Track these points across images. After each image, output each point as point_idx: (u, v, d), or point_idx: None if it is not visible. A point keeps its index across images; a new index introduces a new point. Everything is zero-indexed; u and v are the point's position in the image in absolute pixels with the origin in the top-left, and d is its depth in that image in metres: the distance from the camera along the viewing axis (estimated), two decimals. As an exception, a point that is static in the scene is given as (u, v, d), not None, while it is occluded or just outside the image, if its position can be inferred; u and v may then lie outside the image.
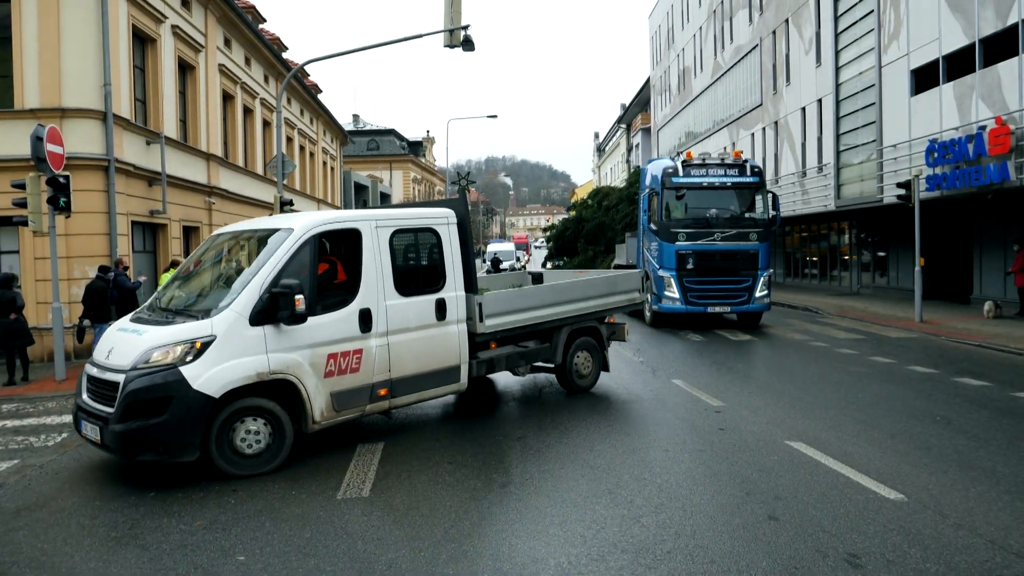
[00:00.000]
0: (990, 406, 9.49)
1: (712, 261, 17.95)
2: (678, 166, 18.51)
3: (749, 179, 18.52)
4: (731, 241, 17.91)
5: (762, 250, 18.13)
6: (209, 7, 22.06)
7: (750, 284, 18.01)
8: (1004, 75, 18.18)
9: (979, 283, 22.57)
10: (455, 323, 8.64)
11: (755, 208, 18.54)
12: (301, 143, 34.64)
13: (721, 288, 17.97)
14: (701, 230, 17.97)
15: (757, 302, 18.12)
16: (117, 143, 15.90)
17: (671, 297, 18.02)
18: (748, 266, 17.99)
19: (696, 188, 18.27)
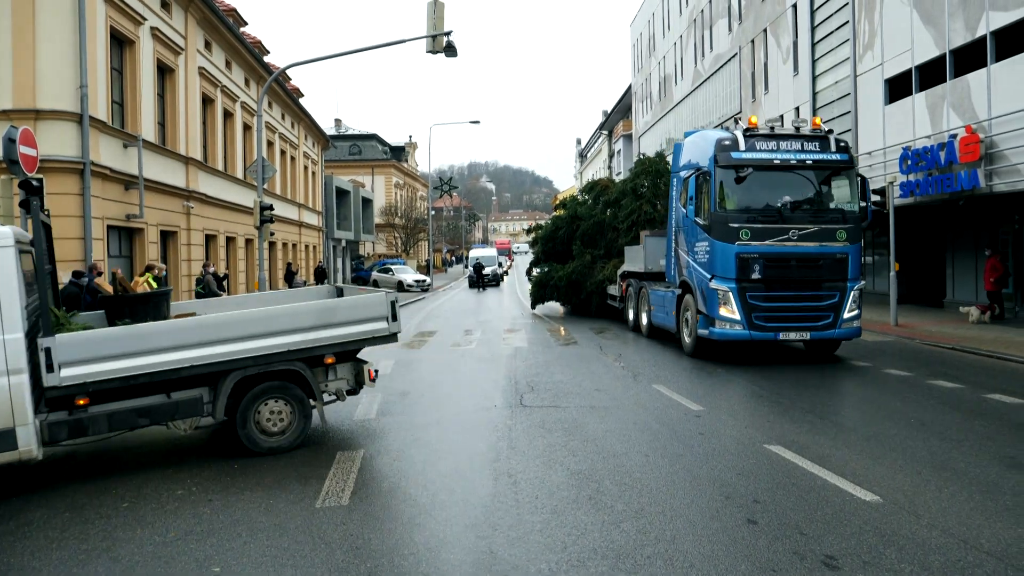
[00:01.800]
0: (962, 408, 9.65)
1: (786, 269, 13.27)
2: (737, 136, 13.57)
3: (835, 156, 13.61)
4: (812, 241, 13.25)
5: (852, 254, 13.47)
6: (189, 9, 21.94)
7: (836, 301, 13.29)
8: (973, 85, 18.52)
9: (952, 287, 22.91)
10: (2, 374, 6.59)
11: (842, 196, 13.89)
12: (282, 147, 34.50)
13: (798, 306, 13.32)
14: (771, 226, 13.23)
15: (845, 325, 13.42)
16: (93, 146, 15.77)
17: (729, 319, 13.23)
18: (835, 275, 13.34)
19: (764, 167, 13.35)
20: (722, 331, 13.39)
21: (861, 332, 14.06)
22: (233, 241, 26.67)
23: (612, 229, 24.15)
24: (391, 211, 69.35)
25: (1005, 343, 15.24)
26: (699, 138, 15.31)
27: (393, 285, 46.57)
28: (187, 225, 21.71)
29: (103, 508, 6.49)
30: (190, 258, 21.87)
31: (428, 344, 18.19)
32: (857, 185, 13.77)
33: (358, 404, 10.44)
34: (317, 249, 42.73)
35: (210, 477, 7.27)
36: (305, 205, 39.52)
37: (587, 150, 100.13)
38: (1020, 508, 5.89)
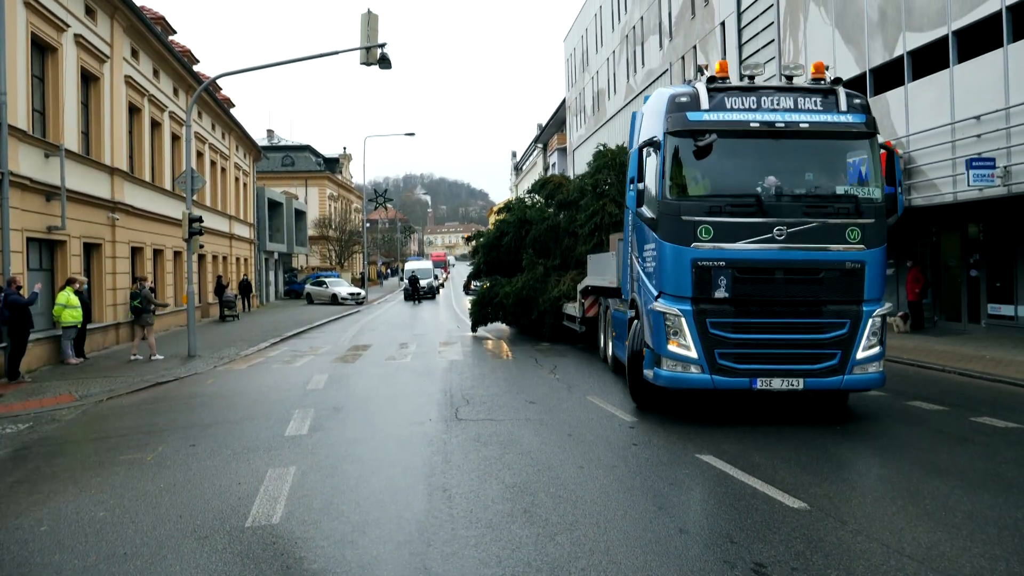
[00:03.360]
0: (885, 416, 10.01)
1: (768, 284, 9.23)
2: (698, 91, 9.51)
3: (845, 118, 9.42)
4: (808, 243, 9.11)
5: (871, 262, 9.19)
6: (115, 17, 21.34)
7: (846, 333, 9.10)
8: (892, 103, 19.30)
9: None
10: None
11: (857, 177, 9.63)
12: (212, 158, 33.77)
13: (786, 340, 9.15)
14: (746, 220, 9.14)
15: (859, 370, 9.16)
16: (12, 155, 15.17)
17: (680, 357, 9.23)
18: (844, 295, 9.18)
19: (735, 133, 9.34)
20: (670, 374, 9.25)
21: (885, 380, 9.41)
22: (161, 254, 25.95)
23: (569, 235, 20.87)
24: (325, 223, 68.52)
25: (925, 352, 15.85)
26: (656, 98, 10.77)
27: (327, 298, 46.01)
28: (112, 237, 21.03)
29: (19, 532, 6.19)
30: (115, 271, 21.19)
31: (362, 358, 17.98)
32: (879, 161, 9.43)
33: (290, 420, 10.24)
34: (249, 262, 41.89)
35: (135, 498, 7.02)
36: (236, 217, 38.73)
37: (522, 163, 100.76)
38: (940, 513, 6.11)
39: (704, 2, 31.99)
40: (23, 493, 7.38)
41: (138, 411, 11.87)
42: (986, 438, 8.71)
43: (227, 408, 11.80)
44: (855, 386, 9.33)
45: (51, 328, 17.13)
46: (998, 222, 18.58)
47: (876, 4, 19.87)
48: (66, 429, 10.65)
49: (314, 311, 37.76)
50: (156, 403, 12.50)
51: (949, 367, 13.87)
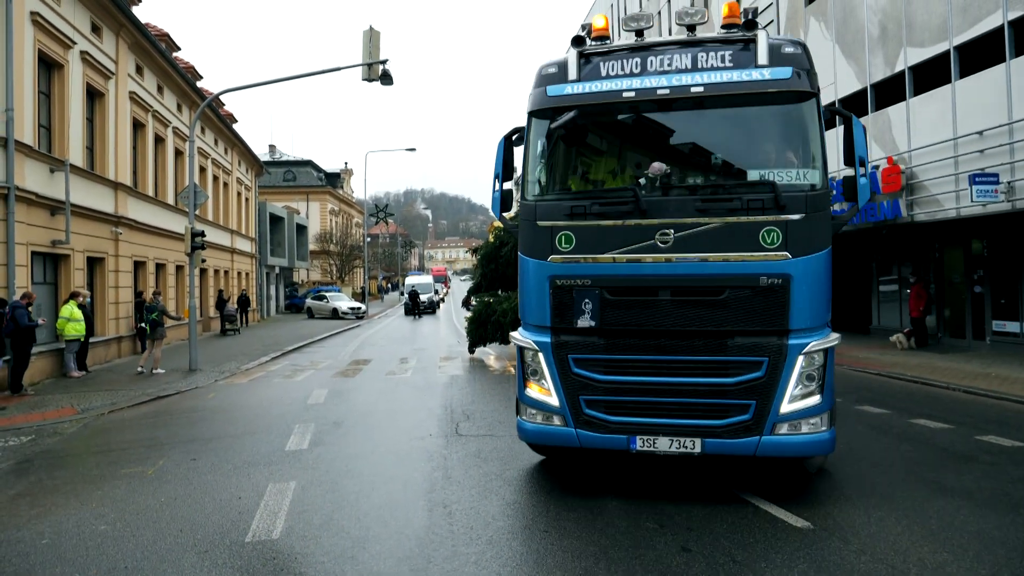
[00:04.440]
0: (889, 433, 9.94)
1: (650, 309, 6.81)
2: (568, 60, 7.27)
3: (759, 74, 6.72)
4: (703, 252, 6.63)
5: (801, 276, 6.51)
6: (121, 34, 21.49)
7: (762, 376, 6.55)
8: (894, 118, 19.34)
9: (877, 314, 23.70)
10: None
11: (786, 157, 6.96)
12: (215, 173, 33.88)
13: (674, 385, 6.74)
14: (616, 222, 6.83)
15: (784, 430, 6.55)
16: (18, 170, 15.24)
17: (541, 403, 7.16)
18: (757, 323, 6.59)
19: (604, 108, 7.15)
20: (533, 427, 7.19)
21: (833, 444, 6.71)
22: (163, 268, 25.98)
23: None
24: (326, 238, 68.62)
25: (930, 369, 15.79)
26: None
27: (328, 312, 46.00)
28: (115, 251, 21.07)
29: (21, 544, 6.19)
30: (118, 285, 21.21)
31: (363, 372, 17.95)
32: (820, 131, 6.76)
33: (290, 435, 10.22)
34: (250, 276, 41.93)
35: (136, 512, 7.00)
36: (238, 231, 38.81)
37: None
38: (946, 533, 6.07)
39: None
40: (25, 506, 7.37)
41: (139, 425, 11.85)
42: (992, 457, 8.65)
43: (228, 422, 11.78)
44: (781, 451, 6.47)
45: (54, 341, 17.14)
46: (1002, 238, 18.56)
47: (877, 19, 19.96)
48: (68, 442, 10.63)
49: (315, 325, 37.75)
50: (157, 417, 12.48)
51: (954, 384, 13.81)
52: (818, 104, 6.79)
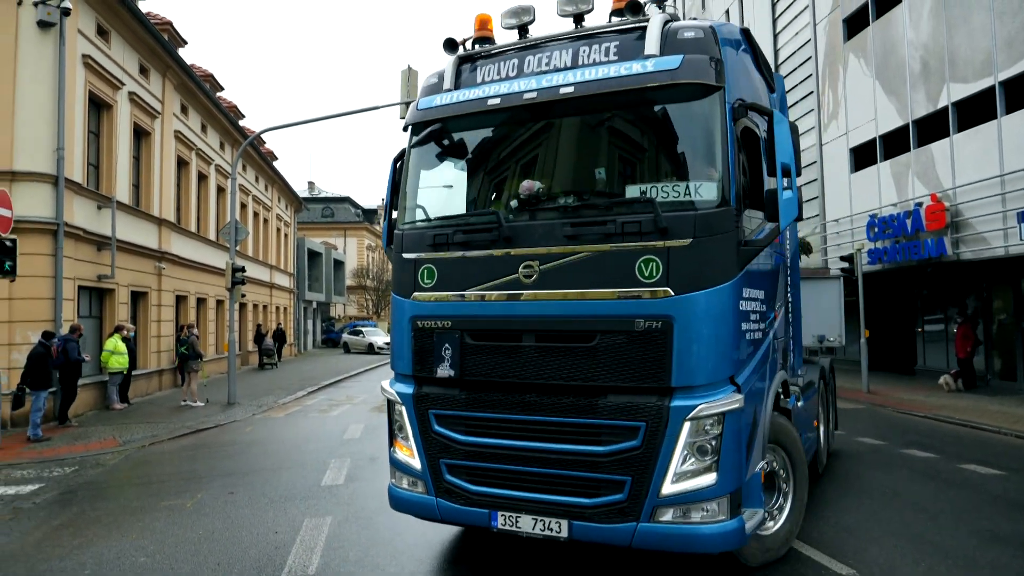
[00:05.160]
0: (937, 478, 9.64)
1: (511, 356, 5.59)
2: (444, 72, 6.31)
3: (642, 66, 5.33)
4: (569, 289, 5.35)
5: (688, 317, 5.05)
6: (167, 75, 22.15)
7: (636, 448, 5.09)
8: (937, 154, 19.09)
9: (923, 355, 23.18)
10: None
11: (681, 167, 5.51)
12: (255, 209, 34.53)
13: (538, 452, 5.41)
14: (477, 252, 5.74)
15: (669, 517, 5.06)
16: (67, 207, 15.68)
17: (405, 466, 6.10)
18: (632, 377, 5.14)
19: (469, 120, 6.11)
20: (400, 494, 6.14)
21: (744, 538, 5.17)
22: (204, 302, 26.41)
23: None
24: (363, 273, 69.30)
25: (979, 412, 15.35)
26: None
27: (364, 347, 46.26)
28: (158, 286, 21.50)
29: (63, 575, 6.27)
30: (160, 319, 21.59)
31: (401, 408, 17.93)
32: (723, 133, 5.27)
33: (326, 470, 10.23)
34: (288, 311, 42.43)
35: (175, 544, 7.05)
36: (277, 267, 39.39)
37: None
38: (996, 579, 5.85)
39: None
40: (68, 536, 7.47)
41: (179, 457, 11.97)
42: (1045, 502, 8.34)
43: (265, 456, 11.84)
44: (664, 544, 5.09)
45: (98, 374, 17.45)
46: (1050, 276, 18.12)
47: (918, 55, 19.82)
48: (110, 473, 10.77)
49: (351, 360, 37.97)
50: (196, 450, 12.59)
51: (1005, 429, 13.37)
52: (723, 100, 5.25)
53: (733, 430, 5.07)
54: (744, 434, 5.19)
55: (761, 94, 6.43)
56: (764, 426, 5.65)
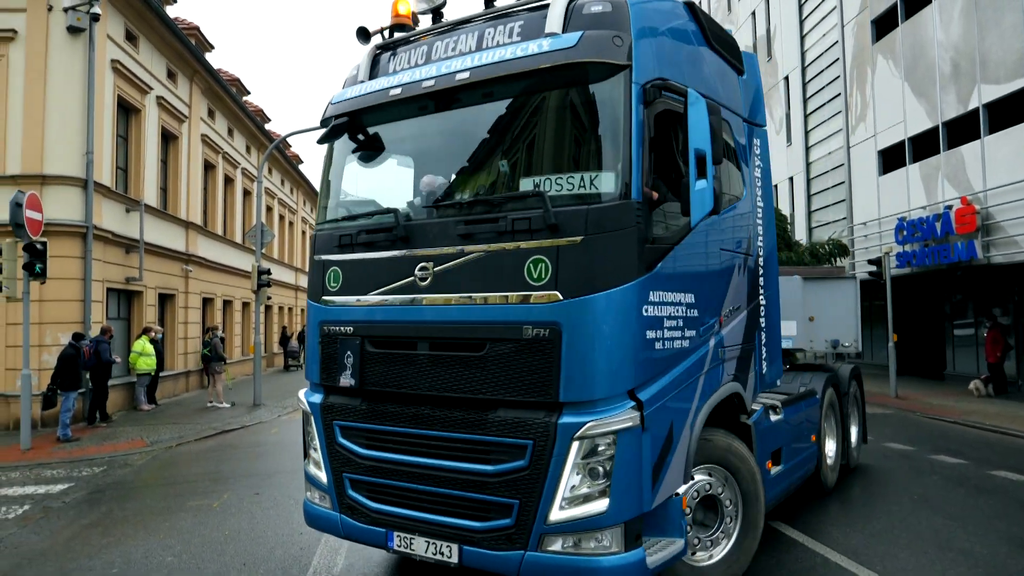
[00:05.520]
0: (967, 484, 9.49)
1: (407, 365, 5.17)
2: (361, 63, 5.99)
3: (538, 46, 4.81)
4: (463, 292, 4.93)
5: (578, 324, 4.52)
6: (194, 79, 22.42)
7: (523, 469, 4.59)
8: (968, 157, 18.81)
9: (952, 359, 22.84)
10: None
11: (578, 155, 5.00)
12: (281, 212, 34.83)
13: (430, 469, 4.97)
14: (378, 254, 5.39)
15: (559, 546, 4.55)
16: (96, 210, 15.90)
17: (314, 480, 5.73)
18: (520, 390, 4.64)
19: (373, 113, 5.69)
20: (311, 509, 5.78)
21: (648, 572, 4.60)
22: (230, 304, 26.68)
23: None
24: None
25: (1010, 418, 15.09)
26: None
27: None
28: (185, 288, 21.74)
29: (91, 573, 6.37)
30: (187, 321, 21.84)
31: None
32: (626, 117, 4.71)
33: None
34: (315, 313, 42.66)
35: (201, 544, 7.12)
36: (302, 269, 39.67)
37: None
38: (1028, 589, 5.75)
39: (767, 57, 31.99)
40: (97, 535, 7.58)
41: (205, 458, 12.09)
42: (1078, 510, 8.19)
43: (290, 458, 11.91)
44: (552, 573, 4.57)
45: (126, 375, 17.68)
46: (1083, 280, 17.79)
47: (948, 56, 19.56)
48: (137, 474, 10.91)
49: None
50: (222, 451, 12.71)
51: (1035, 433, 13.16)
52: (628, 81, 4.70)
53: (629, 451, 4.49)
54: (649, 454, 4.59)
55: (712, 75, 5.85)
56: (689, 445, 5.04)
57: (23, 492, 9.76)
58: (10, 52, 15.31)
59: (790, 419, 7.31)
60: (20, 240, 12.51)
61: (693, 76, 5.40)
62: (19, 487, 10.09)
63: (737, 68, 6.46)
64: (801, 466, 7.73)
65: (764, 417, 6.51)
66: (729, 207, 5.84)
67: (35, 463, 11.60)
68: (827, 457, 8.84)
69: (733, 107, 6.18)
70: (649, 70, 4.84)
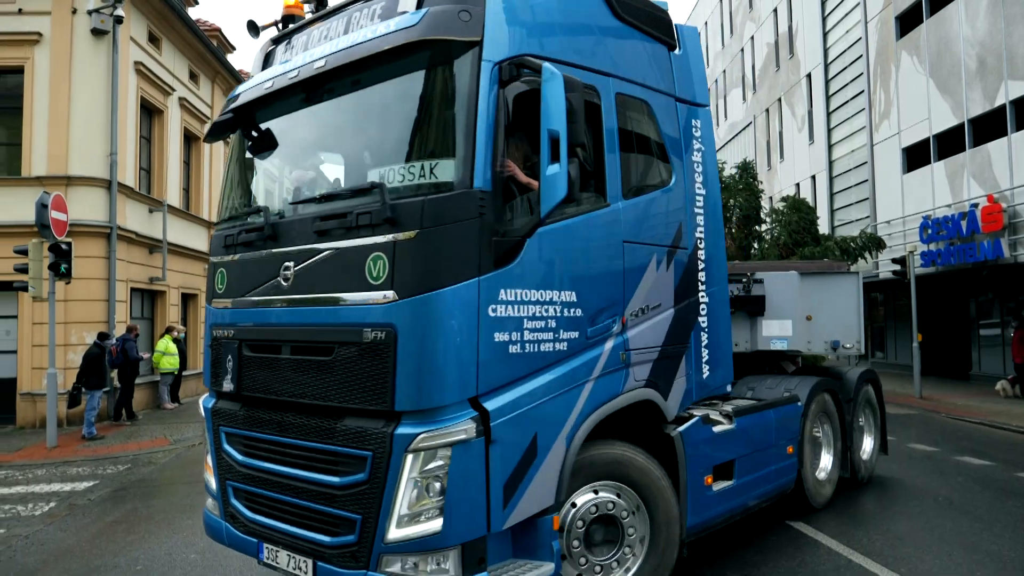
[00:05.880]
0: (993, 486, 9.36)
1: (272, 369, 4.92)
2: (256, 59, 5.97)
3: (385, 27, 4.48)
4: (316, 292, 4.64)
5: (409, 324, 4.14)
6: (216, 80, 22.61)
7: (363, 482, 4.24)
8: (994, 154, 18.57)
9: (978, 359, 22.55)
10: None
11: (422, 142, 4.53)
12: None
13: (289, 479, 4.70)
14: (251, 254, 5.16)
15: (386, 567, 4.17)
16: (120, 211, 16.08)
17: (208, 484, 5.58)
18: (361, 397, 4.30)
19: (261, 107, 5.38)
20: (205, 512, 5.64)
21: None
22: (253, 304, 26.86)
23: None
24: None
25: (1035, 417, 14.89)
26: None
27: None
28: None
29: (116, 570, 6.46)
30: (210, 321, 22.02)
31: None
32: (473, 100, 4.30)
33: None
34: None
35: (221, 546, 7.18)
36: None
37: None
38: (1057, 593, 5.66)
39: (789, 54, 31.75)
40: (121, 532, 7.67)
41: (227, 457, 12.18)
42: (1108, 513, 8.04)
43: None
44: None
45: (149, 374, 17.87)
46: (1113, 279, 17.49)
47: (974, 53, 19.31)
48: (161, 472, 11.02)
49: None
50: (244, 450, 12.80)
51: (1063, 434, 12.96)
52: (476, 59, 4.31)
53: (465, 465, 4.11)
54: (500, 469, 4.20)
55: (619, 51, 5.32)
56: (565, 459, 4.58)
57: (49, 489, 9.90)
58: (35, 55, 15.52)
59: (750, 428, 6.53)
60: (46, 240, 12.68)
61: (583, 52, 4.96)
62: (45, 484, 10.22)
63: (666, 43, 5.83)
64: (769, 480, 6.91)
65: (699, 427, 5.75)
66: (641, 195, 5.33)
67: (61, 461, 11.75)
68: (819, 470, 8.10)
69: (656, 85, 5.60)
70: (507, 46, 4.41)
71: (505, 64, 4.36)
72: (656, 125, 5.55)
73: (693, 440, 5.57)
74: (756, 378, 8.10)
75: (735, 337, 7.76)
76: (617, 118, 5.09)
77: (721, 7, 41.60)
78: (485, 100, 4.25)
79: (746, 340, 8.48)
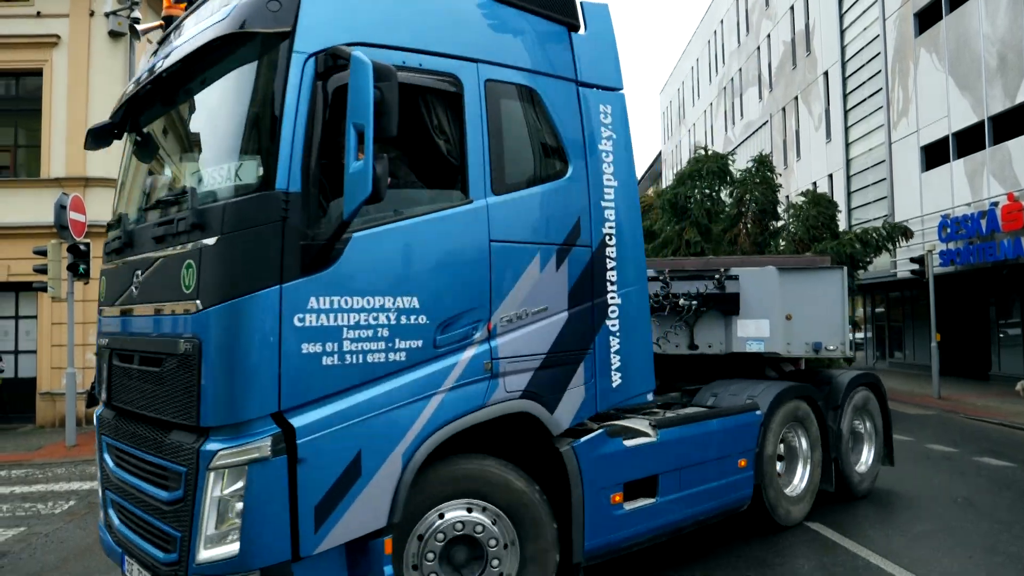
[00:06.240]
0: (1013, 487, 9.26)
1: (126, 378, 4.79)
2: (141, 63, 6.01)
3: (207, 23, 4.33)
4: (149, 301, 4.52)
5: (213, 334, 3.89)
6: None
7: (179, 500, 4.04)
8: (1015, 152, 18.38)
9: (998, 359, 22.31)
10: None
11: (237, 141, 4.19)
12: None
13: (134, 491, 4.59)
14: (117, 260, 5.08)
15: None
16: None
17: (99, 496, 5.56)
18: (177, 411, 4.11)
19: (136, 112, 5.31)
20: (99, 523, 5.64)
21: None
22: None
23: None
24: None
25: (1055, 418, 14.72)
26: None
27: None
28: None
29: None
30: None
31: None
32: (281, 92, 3.98)
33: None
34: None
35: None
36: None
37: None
38: (1079, 596, 5.59)
39: (806, 52, 31.56)
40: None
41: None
42: None
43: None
44: None
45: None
46: None
47: (994, 49, 19.11)
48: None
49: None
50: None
51: (1084, 435, 12.80)
52: (288, 51, 3.99)
53: (263, 485, 3.85)
54: (311, 489, 3.94)
55: (492, 35, 4.92)
56: (401, 477, 4.21)
57: (69, 488, 9.99)
58: (54, 57, 15.67)
59: (682, 441, 5.97)
60: (64, 241, 12.79)
61: (440, 38, 4.60)
62: (65, 483, 10.32)
63: (564, 23, 5.32)
64: (712, 496, 6.26)
65: (601, 441, 5.21)
66: (521, 190, 4.85)
67: (80, 459, 11.85)
68: (789, 484, 7.45)
69: (546, 70, 5.12)
70: (323, 36, 4.08)
71: (321, 55, 4.05)
72: (546, 113, 5.05)
73: (591, 455, 5.06)
74: (724, 383, 7.47)
75: (707, 338, 7.57)
76: (487, 108, 4.69)
77: (737, 5, 41.38)
78: (294, 94, 3.96)
79: (720, 342, 7.88)
